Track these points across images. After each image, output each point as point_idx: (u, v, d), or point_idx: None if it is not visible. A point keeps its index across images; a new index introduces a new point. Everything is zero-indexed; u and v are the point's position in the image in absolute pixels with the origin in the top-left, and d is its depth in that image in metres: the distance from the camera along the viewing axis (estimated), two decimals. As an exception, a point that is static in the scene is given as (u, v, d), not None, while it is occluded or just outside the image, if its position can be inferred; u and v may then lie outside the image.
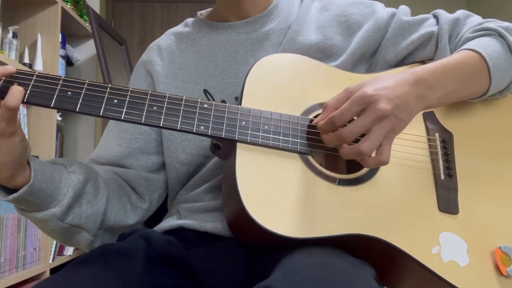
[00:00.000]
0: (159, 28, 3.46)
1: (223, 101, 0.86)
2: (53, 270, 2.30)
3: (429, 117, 0.83)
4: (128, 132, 0.91)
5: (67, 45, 2.86)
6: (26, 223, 2.09)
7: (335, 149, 0.71)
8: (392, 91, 0.68)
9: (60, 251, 2.51)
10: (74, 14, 2.71)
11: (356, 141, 0.67)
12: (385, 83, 0.69)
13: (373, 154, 0.69)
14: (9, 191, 0.71)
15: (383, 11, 0.91)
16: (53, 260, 2.36)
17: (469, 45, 0.80)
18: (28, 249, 2.10)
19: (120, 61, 2.87)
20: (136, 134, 0.90)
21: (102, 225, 0.82)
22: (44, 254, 2.24)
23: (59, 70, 2.55)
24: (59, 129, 2.81)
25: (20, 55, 2.34)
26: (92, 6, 2.65)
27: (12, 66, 0.68)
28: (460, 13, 0.90)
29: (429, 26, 0.88)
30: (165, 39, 0.98)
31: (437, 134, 0.82)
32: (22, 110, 2.24)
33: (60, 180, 0.74)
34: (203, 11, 1.00)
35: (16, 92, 0.65)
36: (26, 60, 2.36)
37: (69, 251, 2.55)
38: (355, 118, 0.67)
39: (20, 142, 0.68)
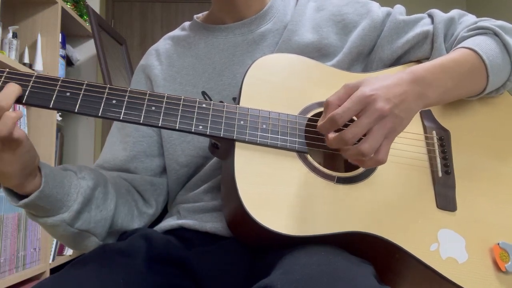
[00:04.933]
0: (159, 28, 3.46)
1: (221, 102, 0.86)
2: (53, 270, 2.30)
3: (426, 116, 0.83)
4: (131, 136, 0.91)
5: (67, 45, 2.86)
6: (26, 223, 2.09)
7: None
8: (391, 90, 0.68)
9: (60, 251, 2.51)
10: (74, 14, 2.72)
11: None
12: (384, 82, 0.69)
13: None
14: (19, 196, 0.72)
15: (379, 11, 0.91)
16: (53, 260, 2.37)
17: (465, 43, 0.80)
18: (28, 249, 2.11)
19: (120, 61, 2.87)
20: (139, 137, 0.91)
21: (110, 229, 0.82)
22: (44, 254, 2.25)
23: (59, 70, 2.55)
24: (59, 129, 2.81)
25: (20, 55, 2.34)
26: (92, 6, 2.65)
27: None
28: (454, 12, 0.90)
29: (424, 25, 0.89)
30: (163, 43, 0.98)
31: (434, 132, 0.82)
32: (22, 110, 2.24)
33: (70, 186, 0.75)
34: (200, 14, 1.00)
35: (7, 119, 0.65)
36: (26, 60, 2.36)
37: (69, 251, 2.56)
38: (354, 118, 0.68)
39: (26, 153, 0.69)
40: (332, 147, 0.69)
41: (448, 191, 0.78)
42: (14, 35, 2.25)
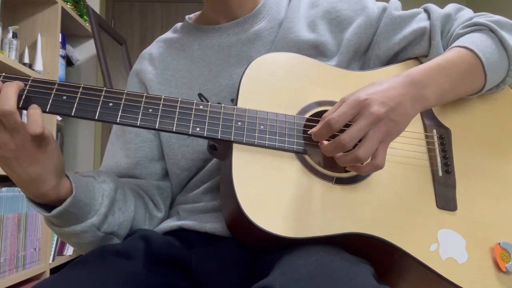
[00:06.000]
0: (159, 28, 3.46)
1: (219, 103, 0.86)
2: (53, 270, 2.30)
3: (426, 114, 0.83)
4: (132, 143, 0.90)
5: (67, 45, 2.86)
6: (26, 223, 2.09)
7: None
8: (385, 94, 0.68)
9: (60, 251, 2.52)
10: (74, 14, 2.72)
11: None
12: (379, 87, 0.69)
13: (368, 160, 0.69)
14: (46, 208, 0.73)
15: (374, 6, 0.90)
16: (53, 260, 2.37)
17: (460, 42, 0.80)
18: (28, 249, 2.11)
19: (120, 61, 2.87)
20: (140, 143, 0.90)
21: (130, 230, 0.83)
22: (44, 254, 2.25)
23: (59, 70, 2.55)
24: (59, 129, 2.81)
25: (20, 55, 2.34)
26: (92, 6, 2.65)
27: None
28: (451, 7, 0.89)
29: (421, 20, 0.88)
30: (156, 46, 0.97)
31: (434, 131, 0.81)
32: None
33: (94, 190, 0.76)
34: (192, 15, 0.99)
35: (36, 116, 0.65)
36: (26, 60, 2.36)
37: (69, 251, 2.56)
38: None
39: (55, 150, 0.70)
40: (330, 154, 0.68)
41: (449, 191, 0.77)
42: (14, 35, 2.25)
